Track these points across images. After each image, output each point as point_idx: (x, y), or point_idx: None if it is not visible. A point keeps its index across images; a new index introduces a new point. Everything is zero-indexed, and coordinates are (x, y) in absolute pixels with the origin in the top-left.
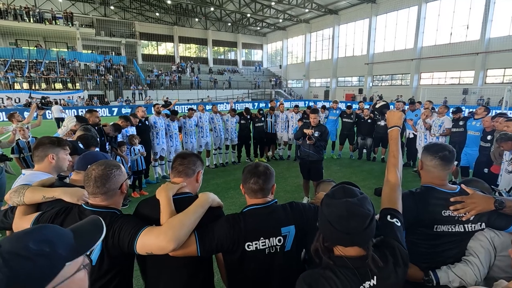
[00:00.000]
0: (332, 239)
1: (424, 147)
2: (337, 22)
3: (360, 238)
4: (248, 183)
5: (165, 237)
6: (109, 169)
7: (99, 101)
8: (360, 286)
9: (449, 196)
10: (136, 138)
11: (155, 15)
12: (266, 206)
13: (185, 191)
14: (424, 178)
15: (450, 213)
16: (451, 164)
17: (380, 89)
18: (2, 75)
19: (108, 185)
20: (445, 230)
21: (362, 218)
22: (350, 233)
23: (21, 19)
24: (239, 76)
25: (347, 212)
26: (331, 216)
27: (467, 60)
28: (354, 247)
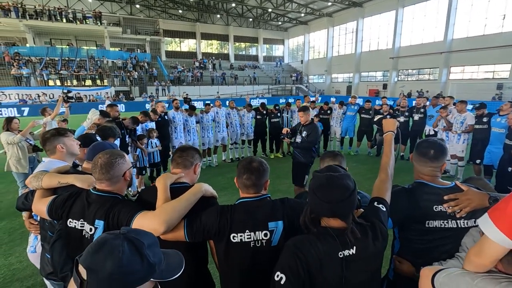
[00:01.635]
0: (317, 209)
1: (416, 144)
2: (361, 15)
3: (339, 209)
4: (241, 178)
5: (158, 219)
6: (113, 157)
7: (124, 96)
8: (339, 252)
9: (441, 192)
10: (155, 132)
11: (178, 12)
12: (256, 199)
13: (183, 181)
14: (416, 174)
15: (442, 209)
16: (439, 161)
17: (406, 84)
18: (38, 72)
19: (113, 172)
20: (437, 225)
21: (341, 189)
22: (330, 201)
23: (54, 19)
24: (259, 71)
25: (327, 182)
26: (315, 186)
27: (503, 53)
28: (336, 218)
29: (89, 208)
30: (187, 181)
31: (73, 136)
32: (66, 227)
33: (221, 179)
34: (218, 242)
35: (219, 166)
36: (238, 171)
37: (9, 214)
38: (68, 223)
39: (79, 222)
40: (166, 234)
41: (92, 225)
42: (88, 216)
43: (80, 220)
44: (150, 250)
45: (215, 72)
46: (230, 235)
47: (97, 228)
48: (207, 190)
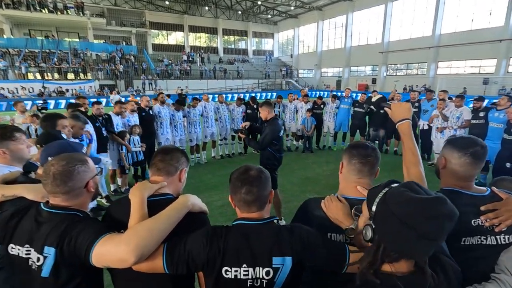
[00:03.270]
0: (407, 250)
1: (449, 141)
2: (351, 8)
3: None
4: (239, 193)
5: (126, 246)
6: (71, 164)
7: (109, 91)
8: None
9: (478, 202)
10: (138, 128)
11: (165, 4)
12: (259, 223)
13: (165, 191)
14: (446, 180)
15: (480, 222)
16: (483, 162)
17: (394, 78)
18: (17, 65)
19: (71, 184)
20: (475, 242)
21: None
22: (435, 238)
23: (33, 9)
24: (249, 65)
25: (446, 210)
26: (412, 214)
27: (489, 48)
28: (409, 260)
29: (39, 230)
30: (170, 191)
31: (24, 137)
32: (7, 254)
33: (211, 177)
34: (206, 276)
35: (209, 163)
36: (233, 185)
37: None
38: (9, 249)
39: (24, 248)
40: (140, 264)
41: (40, 254)
42: (37, 241)
43: (26, 246)
44: None
45: (204, 66)
46: (222, 269)
47: (46, 258)
48: (195, 205)
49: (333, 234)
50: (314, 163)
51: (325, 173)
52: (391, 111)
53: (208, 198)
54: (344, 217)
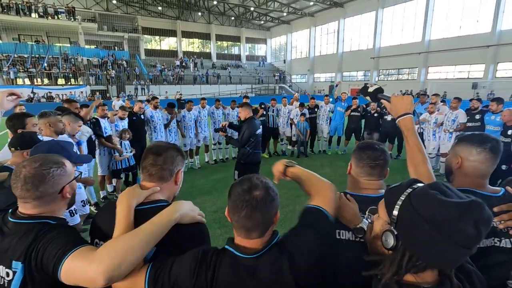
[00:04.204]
0: (435, 258)
1: (461, 138)
2: (343, 15)
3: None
4: (238, 215)
5: (98, 265)
6: (45, 167)
7: (101, 96)
8: None
9: (494, 202)
10: (128, 133)
11: (158, 9)
12: (258, 257)
13: (158, 198)
14: (461, 180)
15: (494, 224)
16: (499, 157)
17: (386, 84)
18: (6, 69)
19: (43, 188)
20: (488, 244)
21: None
22: (471, 246)
23: (23, 14)
24: (242, 71)
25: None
26: (452, 222)
27: (477, 53)
28: (434, 269)
29: (3, 243)
30: (164, 197)
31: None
32: None
33: (204, 182)
34: None
35: (202, 168)
36: (233, 203)
37: None
38: None
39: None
40: (117, 284)
41: (9, 268)
42: (3, 255)
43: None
44: None
45: (197, 71)
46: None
47: (15, 273)
48: (185, 216)
49: (342, 231)
50: (309, 166)
51: None
52: (390, 105)
53: (201, 204)
54: (352, 216)
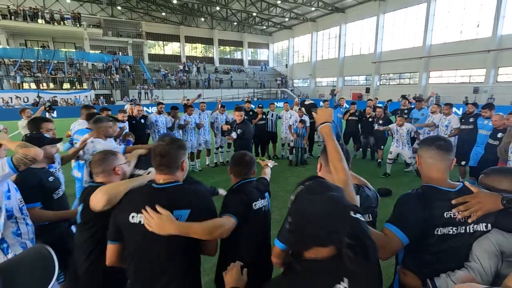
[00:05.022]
0: (310, 241)
1: (420, 141)
2: (344, 20)
3: (340, 235)
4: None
5: (98, 192)
6: (105, 154)
7: (105, 100)
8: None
9: (451, 195)
10: (132, 136)
11: (162, 15)
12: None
13: (173, 180)
14: (424, 176)
15: (452, 215)
16: (449, 154)
17: (388, 88)
18: (13, 74)
19: (103, 166)
20: (446, 233)
21: (345, 211)
22: (333, 230)
23: (30, 20)
24: (244, 75)
25: (332, 207)
26: (313, 213)
27: (478, 58)
28: (328, 246)
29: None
30: (178, 180)
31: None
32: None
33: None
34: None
35: (203, 171)
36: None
37: None
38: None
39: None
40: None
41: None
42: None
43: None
44: None
45: (200, 76)
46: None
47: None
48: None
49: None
50: (308, 170)
51: None
52: (316, 115)
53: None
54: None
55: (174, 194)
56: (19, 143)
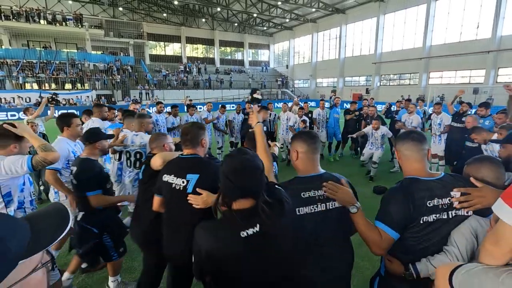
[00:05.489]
0: (230, 194)
1: (396, 138)
2: (345, 21)
3: (253, 189)
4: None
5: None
6: (159, 136)
7: (106, 100)
8: (241, 232)
9: (433, 185)
10: None
11: (163, 16)
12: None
13: (194, 153)
14: (405, 169)
15: (435, 202)
16: (423, 144)
17: (388, 88)
18: (15, 74)
19: (156, 143)
20: (430, 220)
21: (254, 170)
22: (244, 185)
23: (32, 21)
24: (245, 76)
25: (241, 165)
26: (228, 170)
27: (478, 59)
28: (248, 198)
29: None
30: (199, 154)
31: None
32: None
33: None
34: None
35: None
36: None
37: None
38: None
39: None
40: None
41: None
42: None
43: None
44: None
45: (201, 76)
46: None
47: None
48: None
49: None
50: None
51: None
52: (251, 118)
53: None
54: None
55: (191, 163)
56: (41, 143)
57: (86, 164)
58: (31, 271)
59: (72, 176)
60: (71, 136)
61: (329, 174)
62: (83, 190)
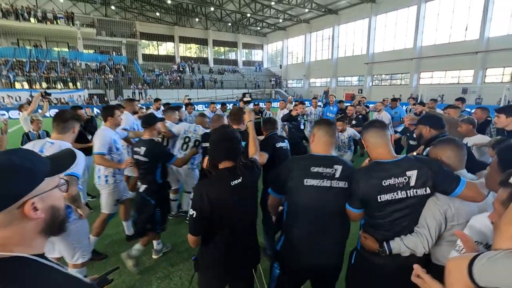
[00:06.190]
0: (217, 156)
1: (362, 127)
2: (337, 22)
3: (233, 153)
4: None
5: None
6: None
7: (99, 99)
8: (231, 182)
9: (390, 166)
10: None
11: (156, 15)
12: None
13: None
14: (371, 155)
15: (391, 182)
16: (384, 130)
17: (380, 88)
18: (5, 73)
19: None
20: (389, 199)
21: (234, 140)
22: (228, 149)
23: (22, 19)
24: (239, 76)
25: (225, 136)
26: (216, 139)
27: (467, 59)
28: (229, 161)
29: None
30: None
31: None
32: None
33: None
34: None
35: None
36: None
37: None
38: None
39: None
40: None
41: None
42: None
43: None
44: (20, 160)
45: (194, 76)
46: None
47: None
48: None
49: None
50: None
51: None
52: (245, 115)
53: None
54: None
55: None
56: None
57: (154, 142)
58: (54, 187)
59: (142, 155)
60: (113, 125)
61: (339, 159)
62: (157, 162)
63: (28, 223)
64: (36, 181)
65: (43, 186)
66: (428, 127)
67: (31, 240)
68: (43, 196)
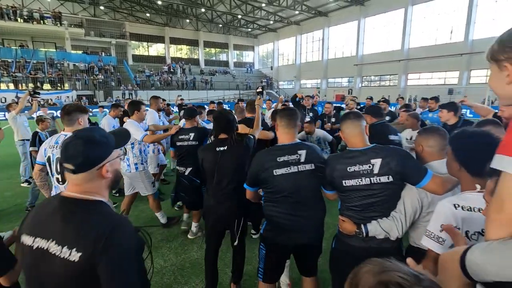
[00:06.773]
0: (217, 130)
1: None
2: (327, 24)
3: (226, 129)
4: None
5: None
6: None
7: (88, 101)
8: (217, 148)
9: (357, 154)
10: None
11: (146, 15)
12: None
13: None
14: (348, 143)
15: (356, 168)
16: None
17: (369, 89)
18: None
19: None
20: (353, 184)
21: (227, 119)
22: (221, 126)
23: (7, 18)
24: (230, 77)
25: (223, 116)
26: (217, 118)
27: (452, 61)
28: (225, 134)
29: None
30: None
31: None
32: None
33: None
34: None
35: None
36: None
37: None
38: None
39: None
40: None
41: None
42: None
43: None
44: (100, 136)
45: (185, 77)
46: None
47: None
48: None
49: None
50: None
51: None
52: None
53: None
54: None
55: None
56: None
57: (199, 128)
58: (117, 156)
59: (192, 140)
60: (139, 119)
61: (303, 144)
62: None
63: (102, 180)
64: (109, 151)
65: (113, 155)
66: (370, 115)
67: (103, 191)
68: (112, 162)
